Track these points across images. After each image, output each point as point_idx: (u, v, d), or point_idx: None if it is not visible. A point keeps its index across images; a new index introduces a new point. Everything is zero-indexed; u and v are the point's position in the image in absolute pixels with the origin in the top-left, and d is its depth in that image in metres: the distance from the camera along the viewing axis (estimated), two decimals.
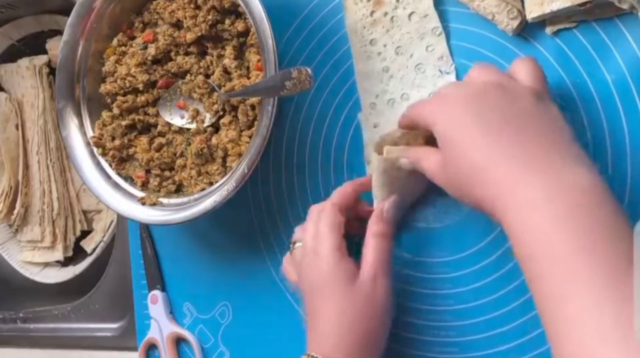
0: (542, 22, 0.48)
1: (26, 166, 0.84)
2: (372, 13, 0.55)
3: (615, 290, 0.33)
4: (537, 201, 0.37)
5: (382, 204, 0.50)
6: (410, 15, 0.53)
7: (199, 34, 0.57)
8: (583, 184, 0.37)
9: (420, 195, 0.53)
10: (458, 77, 0.52)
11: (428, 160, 0.45)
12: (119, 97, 0.62)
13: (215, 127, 0.59)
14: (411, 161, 0.47)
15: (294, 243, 0.53)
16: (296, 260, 0.52)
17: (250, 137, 0.56)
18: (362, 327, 0.47)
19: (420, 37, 0.53)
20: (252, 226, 0.61)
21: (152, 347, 0.68)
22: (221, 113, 0.58)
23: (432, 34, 0.52)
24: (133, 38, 0.63)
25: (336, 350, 0.46)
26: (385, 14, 0.54)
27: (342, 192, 0.52)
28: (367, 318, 0.47)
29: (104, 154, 0.63)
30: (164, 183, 0.61)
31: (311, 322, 0.49)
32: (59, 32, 0.82)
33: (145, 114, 0.62)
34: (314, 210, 0.51)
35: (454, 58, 0.52)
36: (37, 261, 0.84)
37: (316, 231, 0.49)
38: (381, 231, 0.49)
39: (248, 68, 0.57)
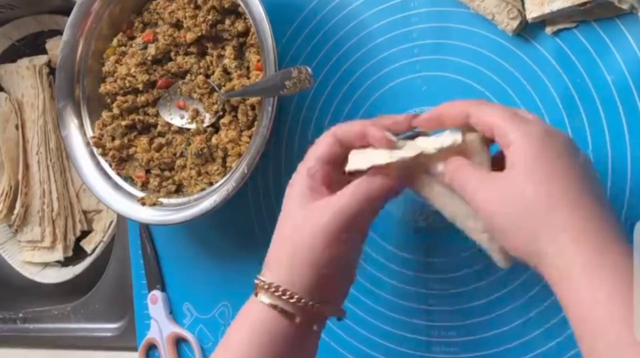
0: (542, 22, 0.48)
1: (26, 166, 0.84)
2: None
3: None
4: (595, 268, 0.34)
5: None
6: None
7: (199, 34, 0.57)
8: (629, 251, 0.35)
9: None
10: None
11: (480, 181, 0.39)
12: (119, 97, 0.62)
13: (215, 127, 0.59)
14: (453, 181, 0.41)
15: None
16: None
17: (250, 137, 0.56)
18: (306, 254, 0.42)
19: None
20: (252, 226, 0.61)
21: (152, 347, 0.68)
22: (221, 113, 0.58)
23: None
24: (133, 38, 0.63)
25: (286, 273, 0.43)
26: None
27: (348, 129, 0.45)
28: (313, 247, 0.42)
29: (104, 154, 0.63)
30: (164, 183, 0.61)
31: (273, 240, 0.45)
32: (59, 32, 0.82)
33: (145, 114, 0.62)
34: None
35: (455, 58, 0.52)
36: (37, 261, 0.84)
37: (305, 157, 0.46)
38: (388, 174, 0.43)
39: (248, 68, 0.57)
